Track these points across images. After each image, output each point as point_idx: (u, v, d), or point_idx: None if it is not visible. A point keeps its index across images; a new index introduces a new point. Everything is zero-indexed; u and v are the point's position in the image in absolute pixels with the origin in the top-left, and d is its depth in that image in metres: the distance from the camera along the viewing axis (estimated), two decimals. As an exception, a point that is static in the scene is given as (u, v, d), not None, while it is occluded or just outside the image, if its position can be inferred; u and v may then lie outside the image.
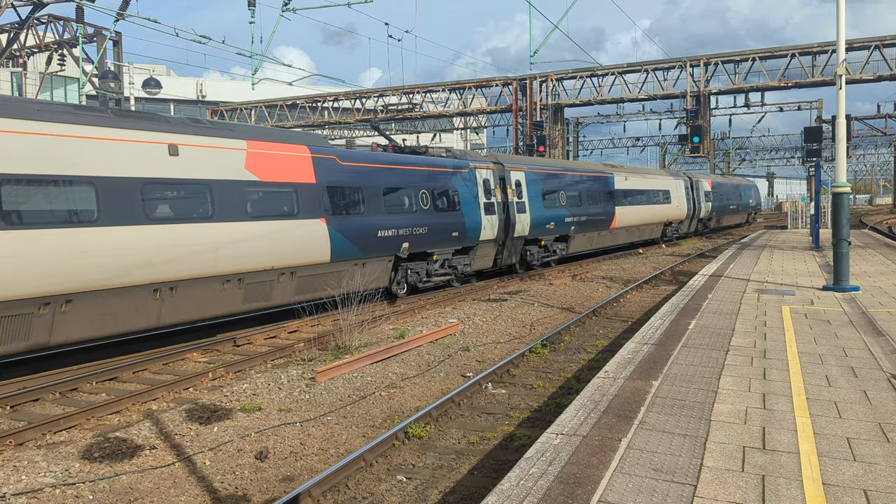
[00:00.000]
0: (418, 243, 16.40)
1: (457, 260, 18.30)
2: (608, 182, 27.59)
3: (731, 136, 73.27)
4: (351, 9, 24.16)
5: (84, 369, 10.77)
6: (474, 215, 18.47)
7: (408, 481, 6.64)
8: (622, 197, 28.44)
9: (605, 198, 26.79)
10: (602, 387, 6.91)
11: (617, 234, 28.22)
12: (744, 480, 4.63)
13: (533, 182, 21.77)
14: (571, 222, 23.78)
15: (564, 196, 23.53)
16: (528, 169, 21.99)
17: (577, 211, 24.31)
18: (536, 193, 21.73)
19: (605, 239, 27.32)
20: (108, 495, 6.32)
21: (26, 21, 30.59)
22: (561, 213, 23.14)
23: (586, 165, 28.24)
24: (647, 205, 31.01)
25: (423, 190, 16.79)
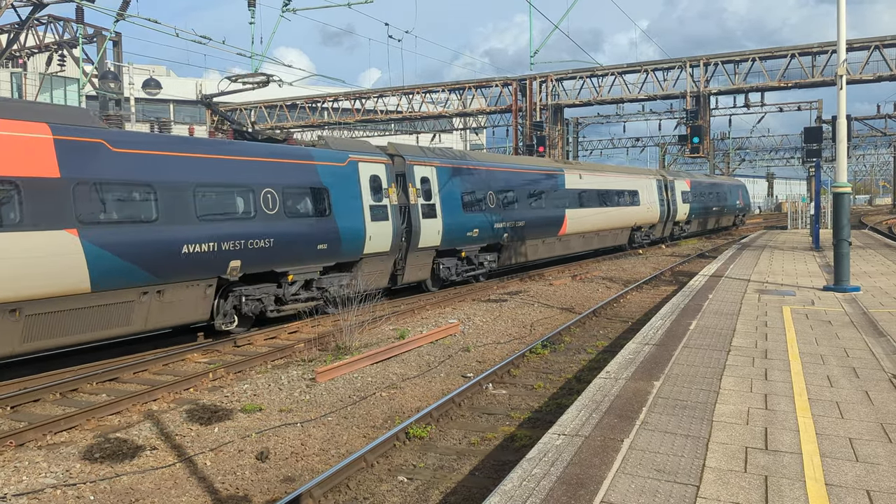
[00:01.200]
0: (259, 260, 12.60)
1: (330, 280, 14.55)
2: (556, 181, 24.00)
3: (731, 137, 73.26)
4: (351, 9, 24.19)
5: (84, 370, 10.76)
6: (354, 221, 14.79)
7: (409, 482, 6.63)
8: (575, 198, 24.85)
9: (551, 199, 23.18)
10: (603, 387, 6.90)
11: (569, 241, 24.66)
12: (746, 481, 4.62)
13: (448, 180, 18.27)
14: (504, 228, 20.26)
15: (494, 197, 19.95)
16: (442, 164, 18.23)
17: (512, 215, 20.70)
18: (453, 193, 18.24)
19: (552, 247, 23.63)
20: (108, 496, 6.31)
21: (26, 21, 30.59)
22: (488, 217, 19.61)
23: (527, 161, 24.32)
24: (608, 207, 27.57)
25: (267, 189, 12.92)
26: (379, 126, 53.60)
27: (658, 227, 33.82)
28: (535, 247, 22.36)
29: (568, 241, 24.60)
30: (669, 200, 34.76)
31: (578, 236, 25.36)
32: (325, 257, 14.24)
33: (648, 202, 31.77)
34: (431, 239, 17.34)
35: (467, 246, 18.95)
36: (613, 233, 28.83)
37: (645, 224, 31.94)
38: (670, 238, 36.70)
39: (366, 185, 15.39)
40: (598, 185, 26.96)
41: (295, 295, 13.80)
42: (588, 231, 26.02)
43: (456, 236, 18.27)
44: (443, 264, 18.18)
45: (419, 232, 16.87)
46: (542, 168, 23.75)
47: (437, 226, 17.53)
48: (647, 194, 31.72)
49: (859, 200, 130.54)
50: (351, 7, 23.74)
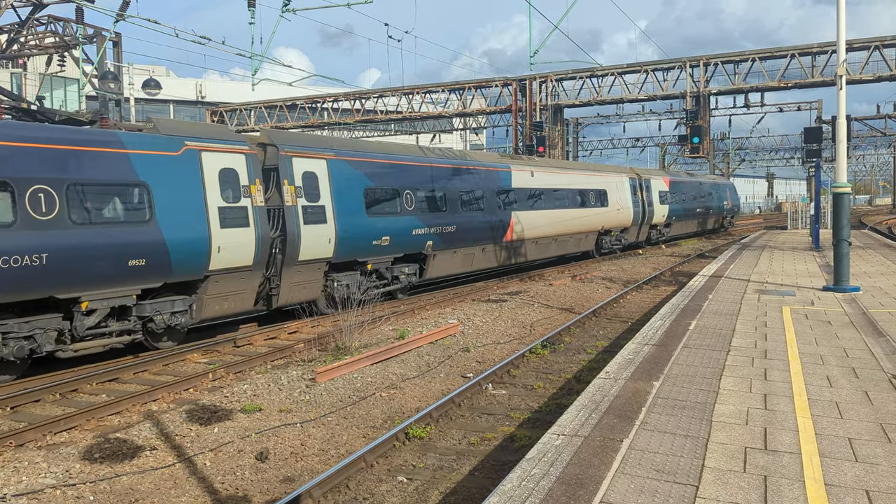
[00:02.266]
0: (21, 284, 9.44)
1: (156, 306, 11.39)
2: (500, 178, 20.77)
3: (731, 137, 73.27)
4: (350, 9, 24.16)
5: (84, 370, 10.76)
6: (192, 229, 11.62)
7: (408, 482, 6.63)
8: (524, 199, 21.71)
9: (493, 200, 20.07)
10: (603, 387, 6.90)
11: (518, 247, 21.67)
12: (746, 481, 4.62)
13: (346, 176, 14.97)
14: (427, 236, 17.13)
15: (413, 197, 16.83)
16: (337, 156, 14.93)
17: (438, 218, 17.61)
18: (352, 193, 15.04)
19: (495, 255, 20.50)
20: (108, 496, 6.31)
21: (26, 22, 30.59)
22: (405, 222, 16.42)
23: (462, 155, 20.58)
24: (568, 209, 24.44)
25: (38, 187, 9.68)
26: (379, 126, 53.64)
27: (631, 230, 30.63)
28: (470, 255, 19.20)
29: (517, 247, 21.51)
30: (644, 201, 31.52)
31: (530, 242, 22.20)
32: (144, 276, 10.98)
33: (619, 203, 28.70)
34: (319, 249, 14.04)
35: (375, 257, 15.68)
36: (576, 238, 25.58)
37: (615, 227, 28.80)
38: (647, 243, 33.50)
39: (213, 182, 12.07)
40: (554, 184, 23.82)
41: (96, 327, 10.66)
42: (542, 236, 22.87)
43: (357, 245, 15.06)
44: (338, 280, 14.86)
45: (298, 241, 13.53)
46: (481, 164, 20.41)
47: (328, 233, 14.23)
48: (617, 195, 28.63)
49: (859, 200, 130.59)
50: (350, 7, 23.73)
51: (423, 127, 52.19)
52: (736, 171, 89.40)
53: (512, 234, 20.91)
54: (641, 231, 31.92)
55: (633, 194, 30.25)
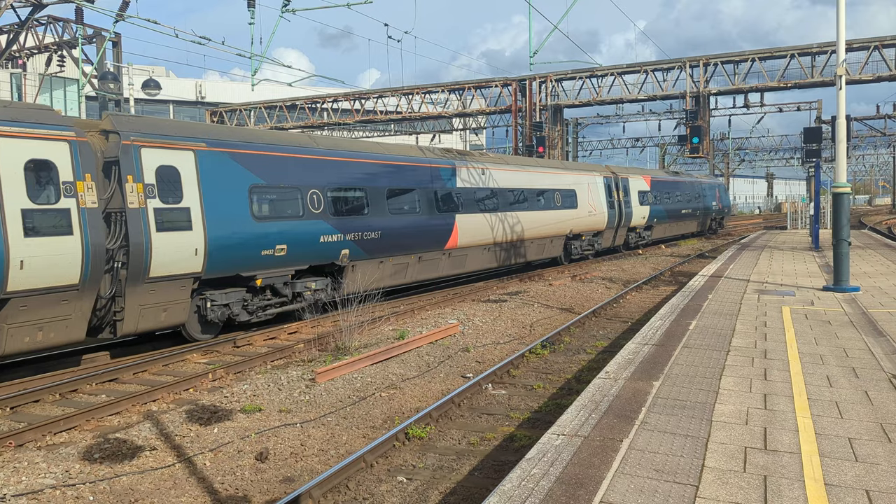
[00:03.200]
0: None
1: None
2: (440, 177, 18.06)
3: (731, 137, 73.31)
4: (350, 9, 24.17)
5: (84, 370, 10.76)
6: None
7: (408, 482, 6.63)
8: (473, 200, 19.09)
9: (431, 201, 17.42)
10: (603, 387, 6.90)
11: (464, 256, 18.85)
12: (746, 481, 4.62)
13: (222, 172, 12.37)
14: (341, 243, 14.54)
15: (321, 199, 14.15)
16: (210, 147, 12.31)
17: (357, 224, 14.93)
18: (232, 193, 12.44)
19: (436, 265, 17.71)
20: (108, 496, 6.31)
21: (26, 22, 30.60)
22: (309, 228, 13.79)
23: (389, 149, 17.28)
24: (527, 211, 21.74)
25: None
26: (378, 126, 53.67)
27: (606, 234, 27.98)
28: (402, 266, 16.56)
29: (462, 256, 18.74)
30: (621, 202, 29.03)
31: (479, 250, 19.39)
32: None
33: (591, 205, 26.14)
34: (180, 262, 11.47)
35: (267, 270, 13.04)
36: (538, 243, 22.77)
37: (586, 231, 26.08)
38: (625, 247, 31.03)
39: (12, 177, 9.52)
40: (511, 184, 21.24)
41: None
42: (494, 242, 20.02)
43: (239, 256, 12.43)
44: (213, 300, 12.26)
45: (147, 252, 10.94)
46: (414, 159, 17.50)
47: (194, 242, 11.67)
48: (588, 195, 26.05)
49: (859, 201, 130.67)
50: (350, 7, 23.74)
51: (422, 127, 52.21)
52: (736, 171, 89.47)
53: (457, 240, 18.13)
54: (618, 234, 29.39)
55: (607, 195, 27.82)
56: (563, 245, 24.93)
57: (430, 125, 51.97)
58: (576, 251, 25.71)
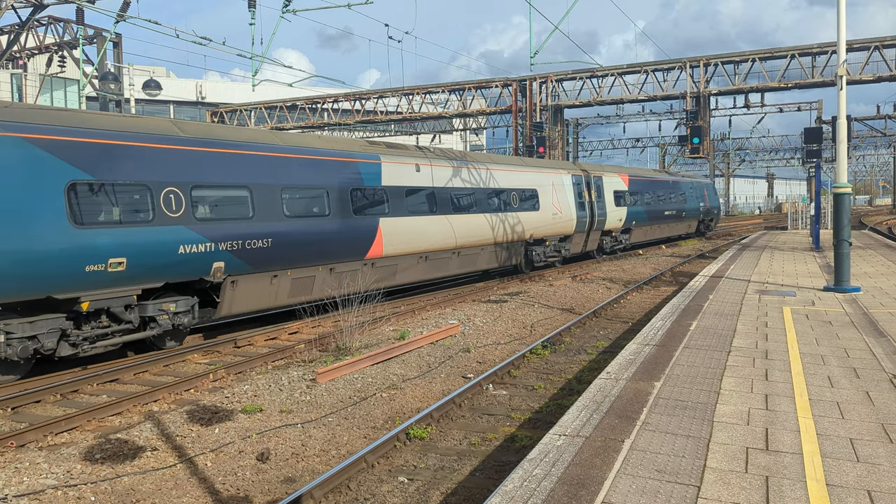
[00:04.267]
0: None
1: None
2: (358, 173, 15.27)
3: (731, 137, 73.36)
4: (351, 10, 24.16)
5: (85, 371, 10.76)
6: None
7: (409, 482, 6.63)
8: (402, 200, 16.46)
9: (345, 202, 14.69)
10: (604, 388, 6.90)
11: (392, 267, 16.18)
12: (747, 481, 4.62)
13: (20, 165, 9.66)
14: (214, 254, 11.82)
15: (183, 199, 11.50)
16: (3, 131, 9.57)
17: (237, 230, 12.26)
18: (36, 191, 9.74)
19: (353, 279, 14.79)
20: (109, 496, 6.31)
21: (26, 23, 30.62)
22: (163, 235, 11.16)
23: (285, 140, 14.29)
24: (474, 214, 19.16)
25: None
26: (379, 127, 53.70)
27: (575, 238, 25.33)
28: (306, 280, 13.83)
29: (390, 267, 16.14)
30: (593, 203, 26.47)
31: (414, 259, 16.86)
32: None
33: (556, 206, 23.48)
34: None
35: (98, 290, 10.43)
36: (490, 250, 20.08)
37: (551, 235, 23.31)
38: (599, 252, 28.51)
39: None
40: (454, 182, 18.77)
41: None
42: (434, 249, 17.47)
43: (50, 273, 9.73)
44: (10, 333, 9.63)
45: None
46: (322, 153, 14.65)
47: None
48: (553, 195, 23.41)
49: (859, 201, 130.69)
50: (351, 8, 23.73)
51: (423, 128, 52.25)
52: (736, 171, 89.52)
53: (380, 247, 15.53)
54: (590, 239, 26.79)
55: (576, 195, 25.19)
56: (524, 252, 22.21)
57: (430, 125, 52.01)
58: (538, 258, 22.84)
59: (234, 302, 12.49)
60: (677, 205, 36.20)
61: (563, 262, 25.28)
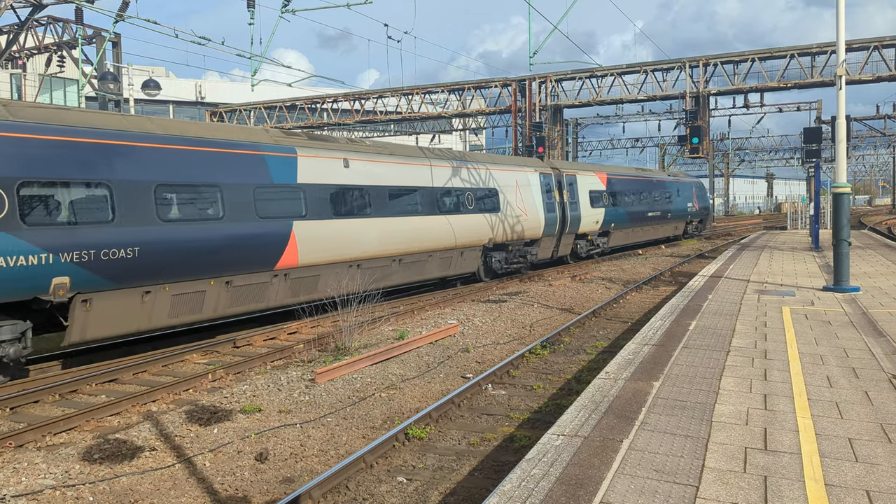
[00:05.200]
0: None
1: None
2: (265, 167, 13.06)
3: (731, 137, 73.37)
4: (350, 10, 24.17)
5: (84, 371, 10.76)
6: None
7: (408, 482, 6.63)
8: (326, 201, 14.19)
9: (243, 203, 12.43)
10: (603, 388, 6.89)
11: (311, 279, 13.87)
12: (746, 481, 4.62)
13: None
14: (56, 268, 9.65)
15: (6, 200, 9.29)
16: None
17: (92, 238, 10.11)
18: None
19: (259, 294, 12.81)
20: (108, 497, 6.31)
21: (26, 23, 30.61)
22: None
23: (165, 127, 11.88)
24: (420, 216, 17.00)
25: None
26: (378, 127, 53.70)
27: (543, 243, 23.13)
28: (194, 298, 11.70)
29: (310, 279, 13.83)
30: (565, 204, 24.35)
31: (342, 268, 14.55)
32: None
33: (521, 207, 21.35)
34: None
35: None
36: (441, 257, 17.97)
37: (514, 240, 21.16)
38: (574, 257, 26.50)
39: None
40: (394, 179, 16.37)
41: None
42: (365, 258, 15.20)
43: None
44: None
45: None
46: (215, 143, 12.31)
47: None
48: (517, 195, 21.34)
49: (859, 201, 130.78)
50: (350, 7, 23.74)
51: (422, 128, 52.25)
52: (735, 171, 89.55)
53: (297, 255, 13.33)
54: (562, 243, 24.61)
55: (545, 195, 23.01)
56: (482, 258, 20.15)
57: (429, 126, 52.02)
58: (498, 265, 20.75)
59: (88, 325, 10.19)
60: (662, 205, 34.19)
61: (530, 268, 23.08)
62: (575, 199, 25.23)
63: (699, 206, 40.57)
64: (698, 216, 40.67)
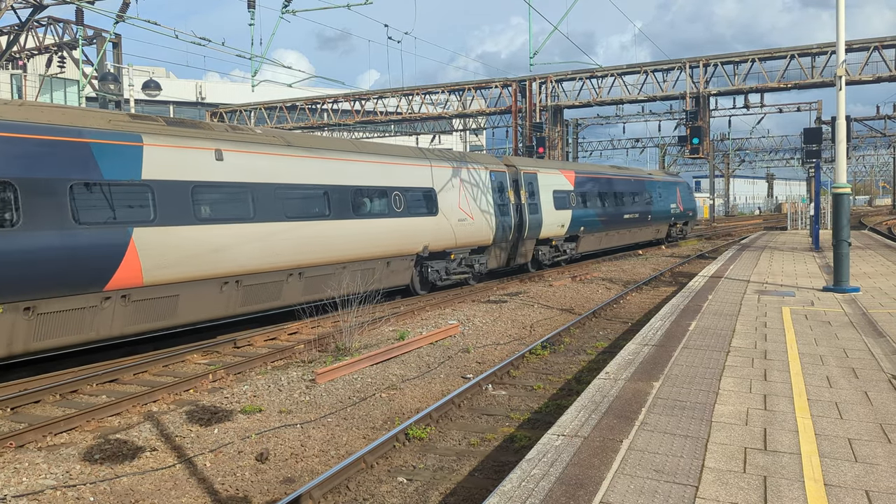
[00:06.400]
0: None
1: None
2: (92, 160, 10.45)
3: (731, 138, 73.37)
4: (350, 10, 24.18)
5: (84, 371, 10.77)
6: None
7: (408, 483, 6.63)
8: (185, 202, 11.60)
9: (51, 206, 9.78)
10: (603, 388, 6.90)
11: (167, 300, 11.31)
12: (745, 481, 4.63)
13: None
14: None
15: None
16: None
17: None
18: None
19: (81, 323, 10.20)
20: (108, 497, 6.32)
21: (26, 23, 30.64)
22: None
23: None
24: (324, 220, 14.18)
25: None
26: (379, 127, 53.71)
27: (494, 250, 20.49)
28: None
29: (162, 300, 11.26)
30: (523, 206, 21.80)
31: (209, 287, 11.93)
32: None
33: (465, 209, 18.81)
34: None
35: None
36: (355, 270, 14.96)
37: (458, 247, 18.59)
38: (535, 266, 23.62)
39: None
40: (284, 176, 13.48)
41: None
42: (245, 273, 12.47)
43: None
44: None
45: None
46: (10, 126, 9.56)
47: None
48: (460, 196, 18.72)
49: (859, 201, 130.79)
50: (350, 8, 23.74)
51: (422, 128, 52.26)
52: (736, 171, 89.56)
53: (138, 271, 10.72)
54: (520, 250, 22.00)
55: (497, 196, 20.58)
56: (417, 268, 17.51)
57: (430, 126, 52.04)
58: (436, 275, 18.03)
59: None
60: (641, 207, 31.43)
61: (477, 280, 20.43)
62: (535, 200, 22.67)
63: (684, 208, 37.48)
64: (683, 218, 37.69)
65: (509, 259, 21.76)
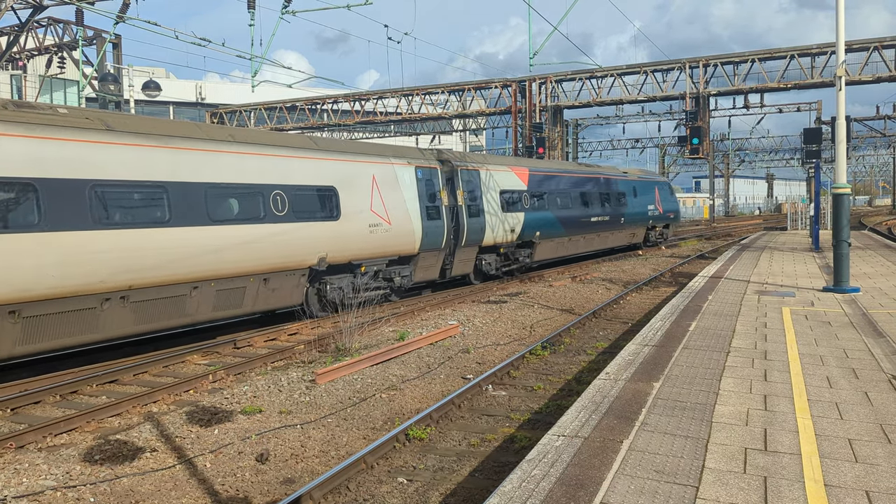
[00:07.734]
0: None
1: None
2: None
3: (731, 138, 73.39)
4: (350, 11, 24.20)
5: (84, 371, 10.77)
6: None
7: (409, 483, 6.63)
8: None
9: None
10: (603, 388, 6.90)
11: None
12: (746, 482, 4.63)
13: None
14: None
15: None
16: None
17: None
18: None
19: None
20: (108, 497, 6.32)
21: (26, 24, 30.65)
22: None
23: None
24: (148, 227, 10.85)
25: None
26: (379, 127, 53.72)
27: (422, 260, 17.38)
28: None
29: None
30: (460, 208, 18.57)
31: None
32: None
33: (380, 212, 15.71)
34: None
35: None
36: (215, 289, 12.00)
37: (370, 257, 15.53)
38: (480, 277, 20.65)
39: None
40: (99, 171, 10.29)
41: None
42: (27, 299, 9.27)
43: None
44: None
45: None
46: None
47: None
48: (373, 196, 15.63)
49: (859, 201, 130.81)
50: (350, 9, 23.76)
51: (422, 128, 52.26)
52: (736, 171, 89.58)
53: None
54: (457, 260, 18.72)
55: (426, 196, 17.43)
56: (307, 286, 14.27)
57: (430, 126, 52.03)
58: (338, 293, 14.80)
59: None
60: (613, 209, 27.85)
61: (399, 297, 17.36)
62: (477, 201, 19.33)
63: (664, 209, 33.52)
64: (663, 220, 33.68)
65: (444, 270, 18.52)
